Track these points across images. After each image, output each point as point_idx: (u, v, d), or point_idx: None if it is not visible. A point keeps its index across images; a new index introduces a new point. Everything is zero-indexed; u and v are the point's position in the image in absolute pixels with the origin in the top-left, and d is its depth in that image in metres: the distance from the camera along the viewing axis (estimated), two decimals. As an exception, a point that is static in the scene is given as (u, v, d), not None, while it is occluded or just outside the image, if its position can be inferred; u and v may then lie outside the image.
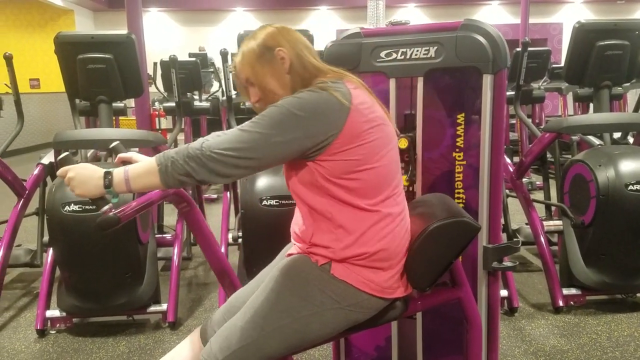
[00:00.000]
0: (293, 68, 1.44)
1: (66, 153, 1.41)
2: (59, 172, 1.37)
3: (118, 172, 1.32)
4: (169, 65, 4.03)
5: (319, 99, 1.33)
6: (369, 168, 1.37)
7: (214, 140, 1.29)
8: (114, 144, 1.58)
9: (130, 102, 6.78)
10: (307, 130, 1.31)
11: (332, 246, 1.39)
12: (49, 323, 2.94)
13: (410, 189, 1.96)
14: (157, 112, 8.54)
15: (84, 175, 1.33)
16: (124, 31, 3.18)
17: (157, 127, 8.98)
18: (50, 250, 3.03)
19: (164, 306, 2.98)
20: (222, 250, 3.23)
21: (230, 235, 3.20)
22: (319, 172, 1.37)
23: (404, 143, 1.88)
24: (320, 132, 1.32)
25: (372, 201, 1.39)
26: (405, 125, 1.94)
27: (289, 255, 1.52)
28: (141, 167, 1.33)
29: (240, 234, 3.04)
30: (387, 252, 1.40)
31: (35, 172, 3.42)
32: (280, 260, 1.65)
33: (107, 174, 1.32)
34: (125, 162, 1.47)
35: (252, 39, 1.47)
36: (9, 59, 3.54)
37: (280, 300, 1.40)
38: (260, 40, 1.45)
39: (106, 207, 1.34)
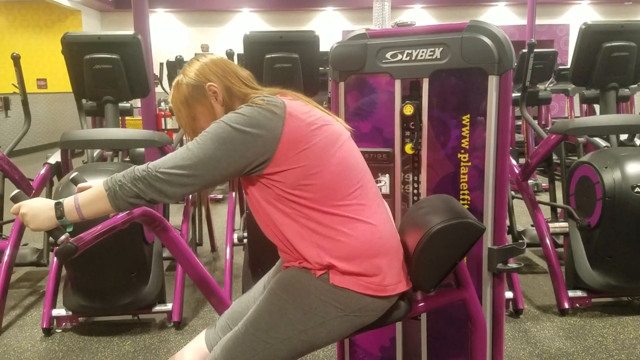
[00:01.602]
0: (225, 99, 1.47)
1: (16, 191, 1.43)
2: (12, 209, 1.39)
3: (68, 201, 1.35)
4: (175, 66, 4.04)
5: (253, 111, 1.35)
6: (321, 170, 1.37)
7: (160, 160, 1.32)
8: (72, 174, 1.62)
9: (137, 102, 6.80)
10: (246, 143, 1.32)
11: (319, 253, 1.38)
12: (55, 322, 2.96)
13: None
14: (163, 113, 8.55)
15: (36, 208, 1.35)
16: (130, 32, 3.20)
17: (163, 127, 8.99)
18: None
19: (169, 306, 2.99)
20: (228, 250, 3.24)
21: (235, 236, 3.20)
22: (275, 186, 1.37)
23: (409, 109, 1.86)
24: (259, 144, 1.33)
25: (338, 202, 1.38)
26: (411, 92, 1.92)
27: (286, 266, 1.50)
28: (90, 193, 1.34)
29: (245, 234, 3.04)
30: (374, 248, 1.39)
31: (42, 171, 3.44)
32: (278, 269, 1.65)
33: (58, 205, 1.34)
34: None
35: (182, 80, 1.50)
36: (16, 59, 3.57)
37: (284, 315, 1.39)
38: (191, 80, 1.48)
39: (63, 237, 1.37)
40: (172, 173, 1.29)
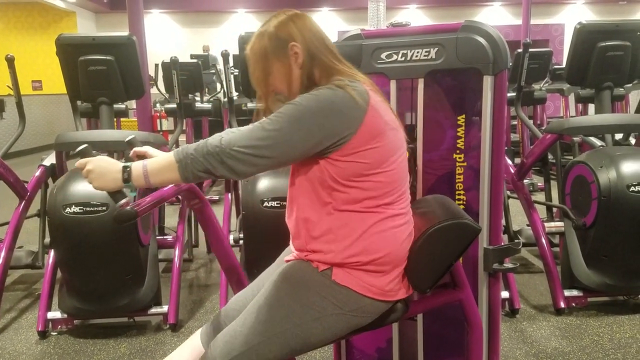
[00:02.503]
0: (305, 64, 1.41)
1: (85, 145, 1.40)
2: (78, 163, 1.36)
3: (137, 167, 1.32)
4: (170, 67, 4.03)
5: (336, 96, 1.32)
6: (379, 172, 1.37)
7: (233, 136, 1.29)
8: (129, 137, 1.58)
9: (132, 104, 6.79)
10: (324, 128, 1.30)
11: (333, 249, 1.38)
12: (50, 325, 2.94)
13: (410, 198, 1.95)
14: (158, 114, 8.54)
15: (103, 168, 1.33)
16: (125, 33, 3.19)
17: (159, 128, 8.98)
18: (52, 252, 3.03)
19: (165, 308, 2.98)
20: (223, 251, 3.23)
21: (231, 237, 3.20)
22: (329, 172, 1.36)
23: None
24: (337, 130, 1.31)
25: (377, 204, 1.38)
26: (406, 135, 1.93)
27: (288, 260, 1.51)
28: (160, 162, 1.32)
29: (241, 235, 3.03)
30: (389, 255, 1.39)
31: (37, 173, 3.42)
32: (279, 264, 1.65)
33: (126, 168, 1.32)
34: (140, 156, 1.48)
35: (265, 31, 1.44)
36: (10, 61, 3.55)
37: (281, 306, 1.39)
38: (273, 34, 1.42)
39: (123, 201, 1.34)
40: (246, 152, 1.27)
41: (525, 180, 3.60)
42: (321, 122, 1.30)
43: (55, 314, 2.93)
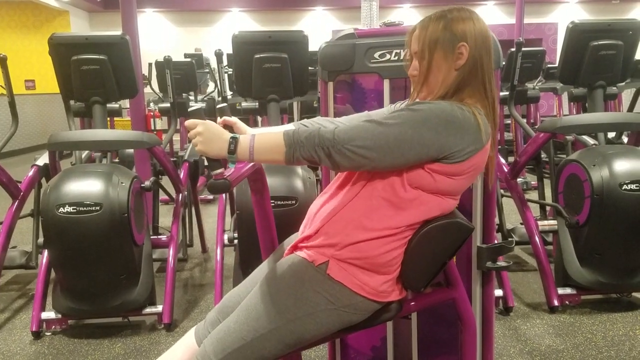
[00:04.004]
0: (464, 69, 1.40)
1: (199, 106, 1.39)
2: (188, 122, 1.34)
3: (244, 140, 1.31)
4: (164, 66, 4.03)
5: (464, 120, 1.32)
6: (440, 198, 1.39)
7: (347, 132, 1.28)
8: (220, 105, 1.56)
9: (125, 103, 6.77)
10: (441, 148, 1.30)
11: (341, 240, 1.38)
12: (44, 325, 2.93)
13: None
14: (152, 113, 8.51)
15: (212, 133, 1.31)
16: (118, 32, 3.18)
17: (152, 127, 8.93)
18: (46, 252, 3.02)
19: (159, 308, 2.98)
20: (218, 251, 3.23)
21: (226, 237, 3.20)
22: (399, 170, 1.35)
23: None
24: (448, 153, 1.31)
25: (410, 218, 1.39)
26: None
27: (288, 252, 1.51)
28: (269, 141, 1.31)
29: (235, 235, 3.03)
30: (391, 261, 1.40)
31: (30, 173, 3.41)
32: (272, 260, 1.65)
33: (234, 139, 1.30)
34: (228, 125, 1.48)
35: (443, 18, 1.41)
36: (3, 60, 3.53)
37: (275, 302, 1.40)
38: (450, 25, 1.40)
39: (219, 171, 1.32)
40: (358, 153, 1.27)
41: (518, 179, 3.62)
42: (441, 142, 1.29)
43: (49, 314, 2.92)
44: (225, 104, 1.58)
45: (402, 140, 1.28)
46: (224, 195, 3.55)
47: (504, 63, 4.79)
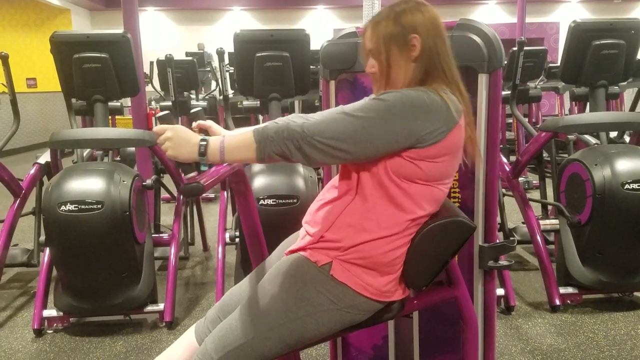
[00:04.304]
0: (420, 59, 1.39)
1: (167, 112, 1.40)
2: (157, 128, 1.34)
3: (214, 142, 1.31)
4: (166, 64, 4.03)
5: (431, 103, 1.32)
6: (430, 186, 1.38)
7: (316, 124, 1.27)
8: (195, 109, 1.57)
9: (127, 101, 6.77)
10: (411, 133, 1.30)
11: (344, 244, 1.38)
12: (46, 323, 2.94)
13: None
14: (153, 111, 8.52)
15: (181, 138, 1.31)
16: (119, 30, 3.18)
17: (154, 126, 8.97)
18: (47, 250, 3.02)
19: (160, 306, 2.98)
20: (220, 250, 3.23)
21: (227, 235, 3.20)
22: (385, 164, 1.35)
23: None
24: (421, 136, 1.31)
25: (407, 213, 1.38)
26: None
27: (290, 252, 1.50)
28: (239, 140, 1.31)
29: (237, 233, 3.03)
30: (394, 260, 1.40)
31: (32, 171, 3.41)
32: (274, 259, 1.65)
33: (204, 142, 1.30)
34: (203, 129, 1.47)
35: (392, 13, 1.41)
36: (5, 59, 3.53)
37: (277, 301, 1.39)
38: (399, 19, 1.39)
39: (191, 175, 1.33)
40: (328, 144, 1.26)
41: (520, 178, 3.61)
42: (410, 127, 1.29)
43: (51, 312, 2.92)
44: (199, 108, 1.59)
45: (370, 129, 1.28)
46: (225, 193, 3.55)
47: (505, 62, 4.78)
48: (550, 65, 6.62)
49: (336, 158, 1.29)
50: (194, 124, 1.50)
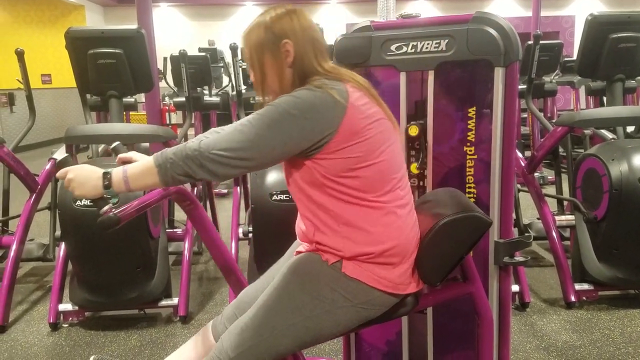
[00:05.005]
0: (296, 64, 1.41)
1: (65, 155, 1.42)
2: (58, 173, 1.38)
3: (117, 172, 1.33)
4: (179, 60, 4.03)
5: (315, 97, 1.32)
6: (369, 164, 1.36)
7: (212, 139, 1.28)
8: (114, 144, 1.60)
9: (141, 97, 6.80)
10: (304, 130, 1.30)
11: (340, 247, 1.38)
12: (61, 317, 2.97)
13: (420, 181, 1.95)
14: (167, 107, 8.55)
15: (83, 176, 1.34)
16: (133, 26, 3.19)
17: (168, 122, 8.98)
18: (63, 245, 3.05)
19: (175, 300, 3.00)
20: (233, 245, 3.24)
21: (240, 230, 3.21)
22: (318, 171, 1.36)
23: (414, 130, 1.86)
24: (316, 132, 1.31)
25: (375, 196, 1.38)
26: (416, 112, 1.92)
27: (298, 253, 1.51)
28: (140, 167, 1.32)
29: (250, 228, 3.04)
30: (398, 247, 1.39)
31: (47, 167, 3.44)
32: (289, 257, 1.65)
33: (106, 174, 1.32)
34: (125, 162, 1.47)
35: (262, 22, 1.43)
36: (20, 55, 3.57)
37: (292, 299, 1.40)
38: (270, 27, 1.42)
39: (106, 207, 1.35)
40: (224, 155, 1.26)
41: (535, 174, 3.58)
42: (301, 124, 1.30)
43: (66, 306, 2.95)
44: (118, 142, 1.61)
45: (263, 134, 1.28)
46: (238, 189, 3.56)
47: (521, 56, 4.73)
48: (566, 59, 6.56)
49: (239, 168, 1.29)
50: (116, 159, 1.50)
